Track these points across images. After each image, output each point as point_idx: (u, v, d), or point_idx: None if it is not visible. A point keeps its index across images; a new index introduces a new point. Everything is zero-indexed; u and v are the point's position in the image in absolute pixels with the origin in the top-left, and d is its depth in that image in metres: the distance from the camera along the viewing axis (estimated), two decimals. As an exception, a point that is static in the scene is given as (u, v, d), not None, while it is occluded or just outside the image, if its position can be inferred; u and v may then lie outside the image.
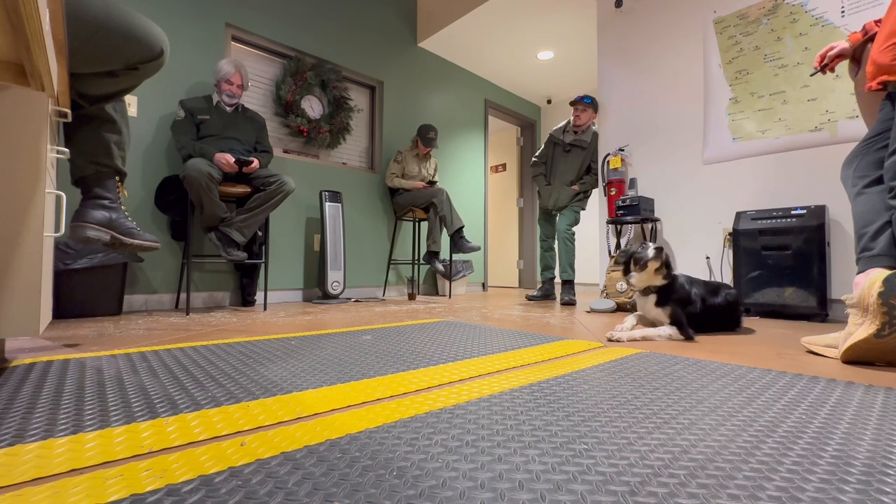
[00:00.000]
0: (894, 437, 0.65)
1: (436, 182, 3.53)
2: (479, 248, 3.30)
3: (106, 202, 1.34)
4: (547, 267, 3.43)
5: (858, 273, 1.30)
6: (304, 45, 3.24)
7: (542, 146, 3.48)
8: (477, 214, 4.66)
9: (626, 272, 1.73)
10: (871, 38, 1.43)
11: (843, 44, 1.54)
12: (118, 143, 1.34)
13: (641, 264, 1.65)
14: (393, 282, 3.80)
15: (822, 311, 2.11)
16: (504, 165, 5.62)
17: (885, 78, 1.25)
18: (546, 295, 3.36)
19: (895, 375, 1.06)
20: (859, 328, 1.17)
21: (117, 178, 1.38)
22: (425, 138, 3.52)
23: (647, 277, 1.66)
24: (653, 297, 1.67)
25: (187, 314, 2.23)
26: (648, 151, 2.97)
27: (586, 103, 3.18)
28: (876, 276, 1.15)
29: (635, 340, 1.52)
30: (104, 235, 1.31)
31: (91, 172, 1.31)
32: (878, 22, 1.45)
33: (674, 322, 1.59)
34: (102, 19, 1.11)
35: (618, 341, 1.50)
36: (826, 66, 1.58)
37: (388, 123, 3.81)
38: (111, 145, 1.32)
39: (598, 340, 1.52)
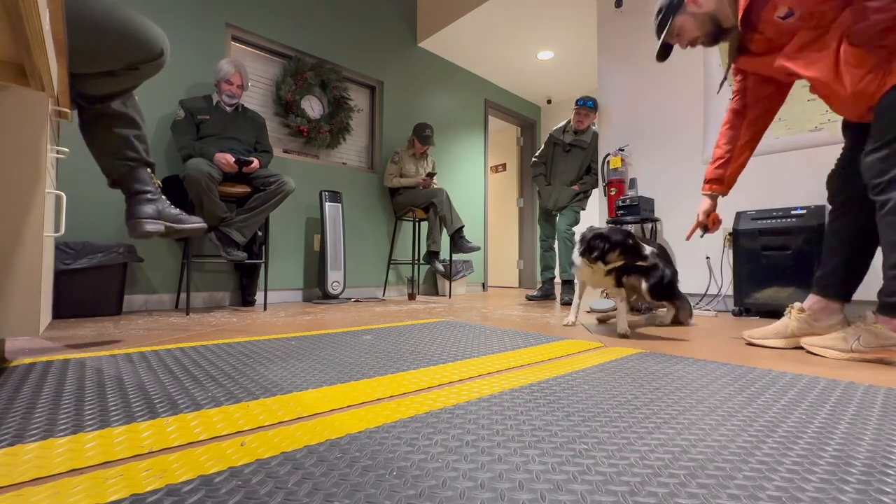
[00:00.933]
0: (894, 437, 0.65)
1: (435, 174, 3.53)
2: (478, 249, 3.30)
3: (148, 195, 1.40)
4: (547, 267, 3.43)
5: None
6: (304, 45, 3.24)
7: (542, 146, 3.48)
8: (477, 214, 4.66)
9: (603, 259, 1.66)
10: None
11: (706, 203, 1.65)
12: (138, 137, 1.37)
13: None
14: (393, 282, 3.80)
15: (822, 311, 2.10)
16: (504, 165, 5.62)
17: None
18: (546, 295, 3.36)
19: (895, 375, 1.06)
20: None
21: (149, 169, 1.43)
22: (421, 136, 3.51)
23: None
24: (612, 276, 1.70)
25: (187, 314, 2.23)
26: (648, 151, 2.96)
27: (589, 108, 3.18)
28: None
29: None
30: (160, 227, 1.39)
31: (125, 171, 1.36)
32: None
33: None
34: (102, 19, 1.11)
35: (626, 336, 1.58)
36: (707, 227, 1.66)
37: (388, 123, 3.81)
38: (131, 139, 1.35)
39: (598, 340, 1.52)
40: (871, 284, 2.13)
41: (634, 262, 1.61)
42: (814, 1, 1.22)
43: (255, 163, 2.38)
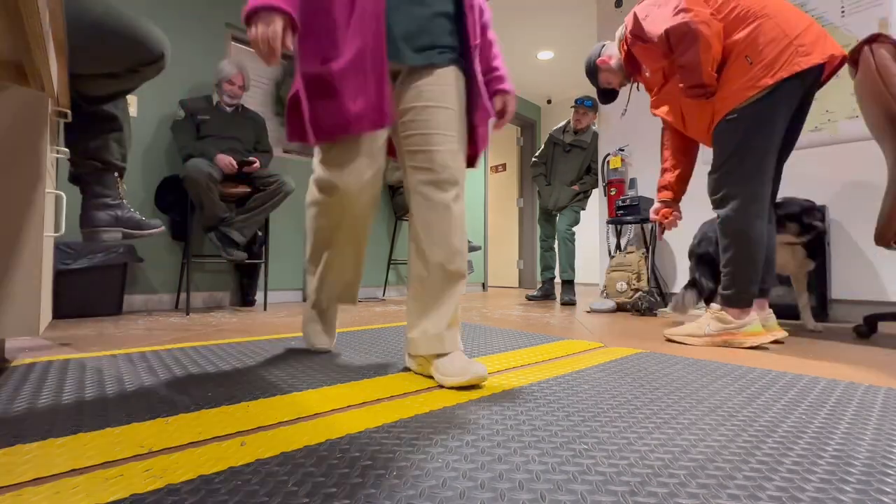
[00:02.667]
0: (894, 437, 0.65)
1: None
2: (479, 248, 3.31)
3: (108, 200, 1.35)
4: (547, 267, 3.42)
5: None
6: (304, 45, 3.23)
7: (542, 146, 3.48)
8: (477, 214, 4.66)
9: None
10: (868, 41, 1.42)
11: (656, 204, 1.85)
12: (118, 140, 1.34)
13: None
14: (393, 282, 3.80)
15: (822, 311, 2.11)
16: (504, 165, 5.62)
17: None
18: (546, 295, 3.36)
19: (895, 376, 1.06)
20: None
21: (116, 174, 1.39)
22: None
23: None
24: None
25: (187, 314, 2.23)
26: (648, 151, 2.96)
27: (587, 106, 3.19)
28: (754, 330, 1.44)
29: None
30: (117, 234, 1.36)
31: (89, 170, 1.32)
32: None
33: None
34: (103, 21, 1.11)
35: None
36: (661, 224, 1.84)
37: (388, 123, 3.81)
38: (111, 142, 1.32)
39: (598, 340, 1.52)
40: (868, 284, 2.13)
41: None
42: (655, 60, 1.58)
43: (256, 163, 2.39)
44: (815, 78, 1.39)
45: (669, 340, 1.53)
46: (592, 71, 1.90)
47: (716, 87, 1.44)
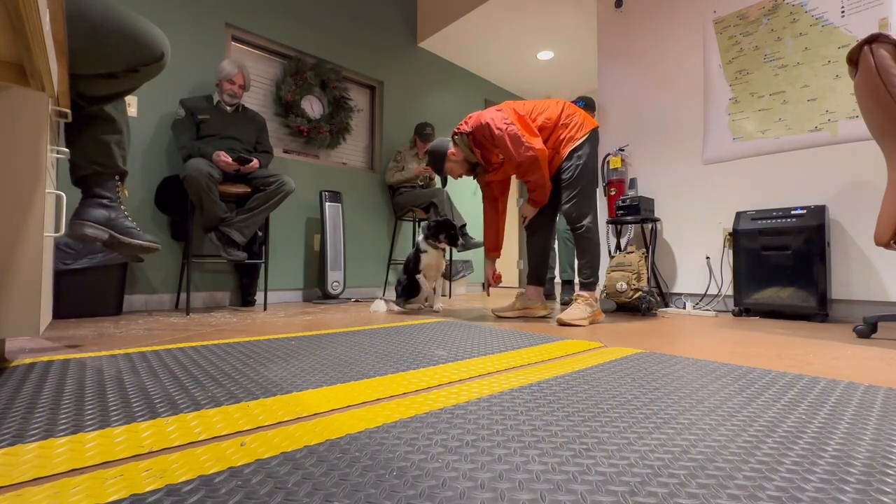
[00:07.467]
0: (894, 437, 0.65)
1: None
2: (482, 244, 3.30)
3: (105, 201, 1.34)
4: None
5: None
6: (304, 45, 3.24)
7: (542, 146, 3.48)
8: (477, 215, 4.66)
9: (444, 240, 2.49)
10: (868, 41, 1.43)
11: (491, 266, 2.42)
12: (118, 143, 1.33)
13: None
14: (393, 282, 3.80)
15: (822, 311, 2.11)
16: (504, 165, 5.61)
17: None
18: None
19: (895, 376, 1.06)
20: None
21: (117, 177, 1.38)
22: (422, 135, 3.53)
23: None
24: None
25: (187, 314, 2.23)
26: (648, 151, 2.96)
27: (580, 107, 3.19)
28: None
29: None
30: (102, 234, 1.31)
31: (90, 172, 1.31)
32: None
33: None
34: (103, 21, 1.11)
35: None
36: (493, 282, 2.41)
37: (388, 123, 3.81)
38: (111, 145, 1.31)
39: (598, 340, 1.52)
40: (868, 284, 2.13)
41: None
42: (512, 166, 2.15)
43: (255, 162, 2.38)
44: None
45: (564, 324, 1.90)
46: (440, 158, 2.27)
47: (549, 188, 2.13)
